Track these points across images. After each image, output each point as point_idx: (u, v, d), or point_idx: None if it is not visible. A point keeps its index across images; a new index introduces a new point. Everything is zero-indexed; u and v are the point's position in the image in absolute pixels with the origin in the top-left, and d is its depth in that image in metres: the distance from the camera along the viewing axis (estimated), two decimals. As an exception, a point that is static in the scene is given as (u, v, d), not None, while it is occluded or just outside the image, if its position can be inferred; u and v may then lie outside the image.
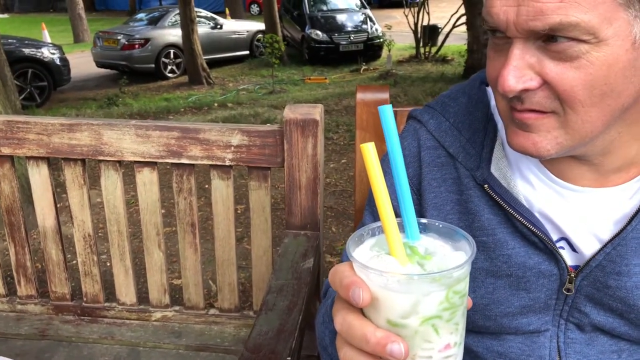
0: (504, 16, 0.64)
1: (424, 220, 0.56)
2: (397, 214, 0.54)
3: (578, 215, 0.79)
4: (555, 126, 0.68)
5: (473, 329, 0.86)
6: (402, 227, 0.55)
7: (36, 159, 1.55)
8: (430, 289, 0.49)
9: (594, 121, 0.67)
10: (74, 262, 2.98)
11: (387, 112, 0.52)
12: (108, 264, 3.08)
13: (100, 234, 3.49)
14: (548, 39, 0.63)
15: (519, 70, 0.65)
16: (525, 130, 0.70)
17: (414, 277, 0.49)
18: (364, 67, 11.13)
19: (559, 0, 0.60)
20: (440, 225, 0.56)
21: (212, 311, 1.64)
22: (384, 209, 0.52)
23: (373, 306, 0.51)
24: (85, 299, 1.68)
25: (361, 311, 0.54)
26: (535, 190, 0.80)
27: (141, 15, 13.16)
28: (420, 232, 0.55)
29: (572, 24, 0.60)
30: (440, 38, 11.65)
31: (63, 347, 1.55)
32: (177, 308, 1.66)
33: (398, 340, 0.50)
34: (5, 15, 26.38)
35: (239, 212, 3.89)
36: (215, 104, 8.36)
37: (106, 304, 1.68)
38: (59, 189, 3.61)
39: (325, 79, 10.37)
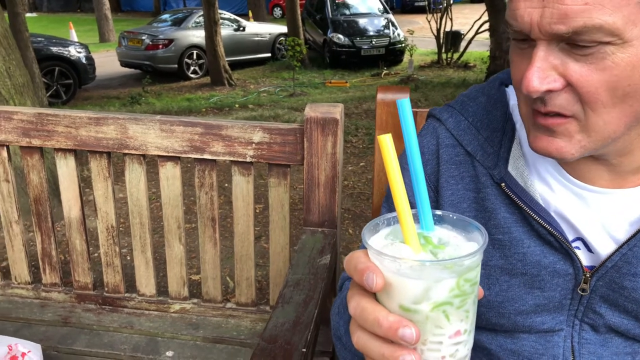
0: (528, 18, 0.65)
1: (438, 212, 0.57)
2: (414, 206, 0.56)
3: (594, 215, 0.79)
4: (577, 130, 0.69)
5: (487, 326, 0.87)
6: (417, 218, 0.56)
7: (64, 151, 1.59)
8: (442, 276, 0.50)
9: (615, 122, 0.67)
10: (97, 253, 3.05)
11: (405, 106, 0.53)
12: (129, 258, 3.14)
13: (121, 228, 3.55)
14: (572, 40, 0.63)
15: (543, 72, 0.65)
16: (548, 135, 0.71)
17: (426, 263, 0.51)
18: (385, 72, 11.12)
19: (584, 2, 0.60)
20: (454, 217, 0.57)
21: (229, 305, 1.67)
22: (399, 199, 0.53)
23: (386, 291, 0.53)
24: (106, 289, 1.72)
25: (375, 297, 0.55)
26: (552, 190, 0.81)
27: (165, 16, 13.34)
28: (435, 223, 0.57)
29: (595, 26, 0.61)
30: (463, 44, 11.59)
31: (84, 334, 1.59)
32: (195, 301, 1.69)
33: (410, 325, 0.51)
34: (34, 14, 26.93)
35: (257, 211, 3.93)
36: (237, 105, 8.44)
37: (126, 295, 1.72)
38: (82, 184, 3.68)
39: (346, 82, 10.38)
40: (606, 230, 0.79)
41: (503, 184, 0.81)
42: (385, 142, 0.52)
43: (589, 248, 0.81)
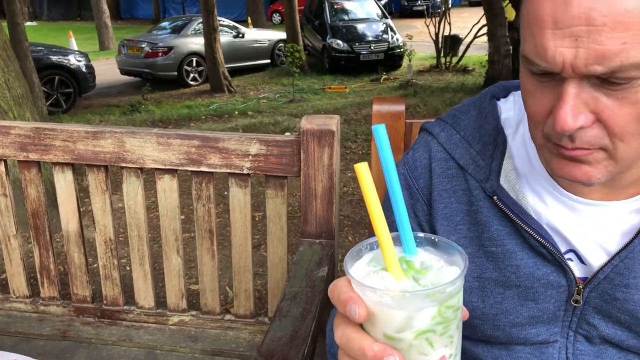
0: (560, 58, 0.61)
1: (420, 234, 0.57)
2: (396, 229, 0.56)
3: (586, 227, 0.79)
4: (604, 158, 0.68)
5: (482, 338, 0.87)
6: (399, 241, 0.56)
7: (61, 164, 1.60)
8: (423, 305, 0.50)
9: (639, 147, 0.67)
10: (95, 265, 3.06)
11: (380, 132, 0.54)
12: (128, 268, 3.13)
13: (120, 239, 3.56)
14: (605, 77, 0.61)
15: (576, 109, 0.63)
16: (574, 162, 0.70)
17: (407, 294, 0.51)
18: (384, 77, 11.15)
19: (622, 42, 0.58)
20: (436, 240, 0.57)
21: (227, 317, 1.67)
22: (379, 227, 0.53)
23: (370, 320, 0.53)
24: (105, 302, 1.72)
25: (360, 324, 0.55)
26: (544, 203, 0.81)
27: (165, 23, 13.38)
28: (417, 245, 0.57)
29: (633, 64, 0.59)
30: (462, 48, 11.61)
31: (83, 348, 1.60)
32: (193, 313, 1.69)
33: (394, 354, 0.51)
34: (34, 23, 27.02)
35: (257, 219, 3.93)
36: (236, 112, 8.45)
37: (125, 307, 1.72)
38: (81, 194, 3.69)
39: (346, 88, 10.40)
40: (598, 242, 0.80)
41: (495, 197, 0.82)
42: (362, 171, 0.53)
43: (581, 260, 0.82)
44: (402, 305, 0.50)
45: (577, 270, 0.81)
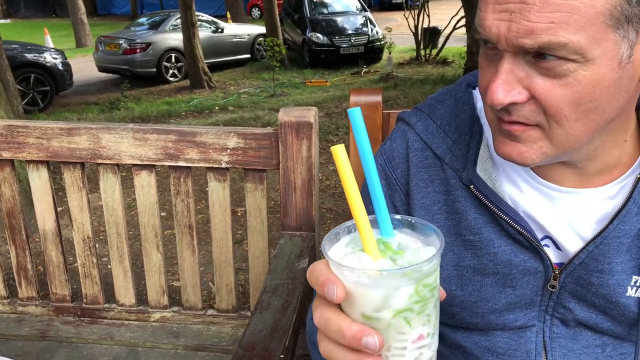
0: (495, 29, 0.66)
1: (397, 217, 0.58)
2: (373, 213, 0.56)
3: (562, 214, 0.80)
4: (540, 137, 0.70)
5: (461, 325, 0.88)
6: (377, 224, 0.57)
7: (36, 162, 1.57)
8: (400, 284, 0.51)
9: (577, 134, 0.69)
10: (75, 264, 3.02)
11: (356, 115, 0.54)
12: (109, 267, 3.10)
13: (100, 237, 3.52)
14: (537, 55, 0.64)
15: (508, 85, 0.67)
16: (512, 140, 0.72)
17: (384, 272, 0.51)
18: (364, 70, 11.16)
19: (549, 21, 0.61)
20: (412, 221, 0.58)
21: (210, 312, 1.67)
22: (356, 208, 0.54)
23: (348, 301, 0.53)
24: (85, 300, 1.70)
25: (339, 306, 0.55)
26: (520, 191, 0.82)
27: (142, 19, 13.22)
28: (394, 227, 0.57)
29: (560, 44, 0.62)
30: (441, 40, 11.67)
31: (63, 347, 1.58)
32: (175, 309, 1.68)
33: (372, 333, 0.52)
34: (8, 21, 26.49)
35: (239, 214, 3.91)
36: (217, 108, 8.40)
37: (106, 305, 1.70)
38: (60, 193, 3.63)
39: (326, 81, 10.40)
40: (573, 228, 0.81)
41: (472, 186, 0.82)
42: (339, 153, 0.53)
43: (557, 246, 0.83)
44: (379, 284, 0.51)
45: (553, 256, 0.82)
